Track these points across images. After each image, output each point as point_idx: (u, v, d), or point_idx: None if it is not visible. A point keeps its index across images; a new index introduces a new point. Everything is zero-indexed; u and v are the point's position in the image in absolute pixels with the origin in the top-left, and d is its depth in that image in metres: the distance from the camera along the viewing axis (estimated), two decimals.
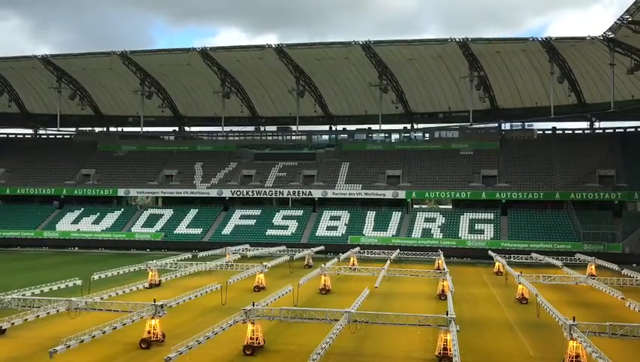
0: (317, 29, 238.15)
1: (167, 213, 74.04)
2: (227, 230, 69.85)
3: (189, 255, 50.31)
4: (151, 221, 72.54)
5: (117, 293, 29.43)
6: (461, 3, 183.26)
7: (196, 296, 29.05)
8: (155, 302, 24.05)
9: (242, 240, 62.49)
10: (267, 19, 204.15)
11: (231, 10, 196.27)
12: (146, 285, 36.31)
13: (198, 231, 70.02)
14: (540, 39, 62.35)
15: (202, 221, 71.99)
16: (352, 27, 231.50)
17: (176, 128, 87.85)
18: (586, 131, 75.93)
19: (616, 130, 74.59)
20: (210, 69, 74.59)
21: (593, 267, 46.16)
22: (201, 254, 51.37)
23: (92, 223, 72.84)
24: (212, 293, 31.17)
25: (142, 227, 71.69)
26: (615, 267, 44.42)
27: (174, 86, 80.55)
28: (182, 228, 70.81)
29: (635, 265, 50.99)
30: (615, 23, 53.47)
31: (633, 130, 73.90)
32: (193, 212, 73.63)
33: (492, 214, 66.99)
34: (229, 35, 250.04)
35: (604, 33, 57.10)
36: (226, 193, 74.20)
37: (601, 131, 75.13)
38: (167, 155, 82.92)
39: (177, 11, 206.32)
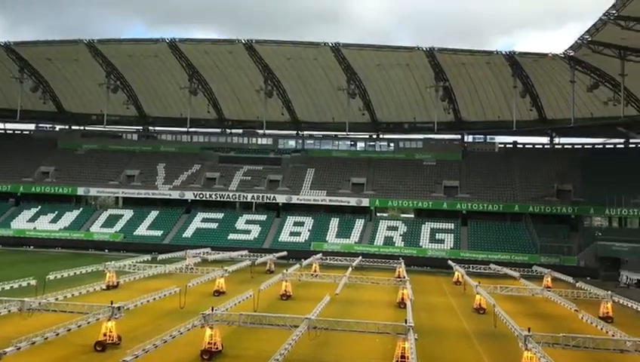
0: (294, 38, 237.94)
1: (128, 213, 72.79)
2: (188, 233, 69.06)
3: (148, 257, 49.47)
4: (110, 221, 71.19)
5: (73, 294, 28.73)
6: (433, 20, 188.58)
7: (155, 299, 28.60)
8: (112, 303, 23.59)
9: (204, 244, 61.84)
10: (246, 28, 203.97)
11: (210, 16, 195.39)
12: (104, 286, 35.60)
13: (159, 233, 69.03)
14: (504, 53, 63.82)
15: (163, 223, 71.00)
16: (329, 39, 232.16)
17: (140, 128, 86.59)
18: (546, 146, 77.80)
19: (575, 146, 76.63)
20: (178, 63, 73.92)
21: (549, 279, 47.22)
22: (161, 256, 50.66)
23: (49, 222, 71.08)
24: (171, 297, 30.75)
25: (101, 227, 70.31)
26: (570, 279, 45.49)
27: (140, 81, 79.44)
28: (142, 230, 69.69)
29: (589, 278, 52.28)
30: (576, 42, 55.10)
31: (591, 146, 76.04)
32: (154, 213, 72.57)
33: (453, 224, 67.96)
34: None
35: (566, 51, 58.79)
36: (189, 195, 73.39)
37: (560, 147, 77.07)
38: (129, 155, 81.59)
39: (157, 15, 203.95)
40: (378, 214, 73.56)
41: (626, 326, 28.58)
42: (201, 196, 73.41)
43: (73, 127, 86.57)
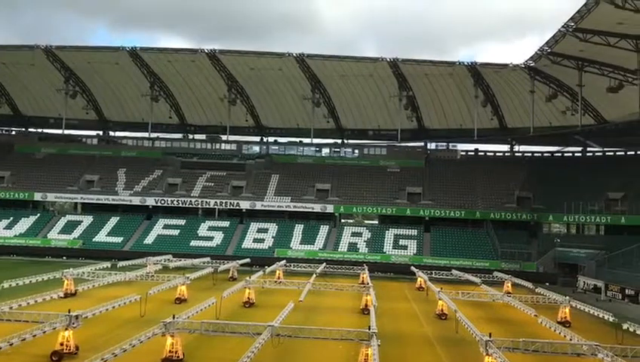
0: (260, 46, 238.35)
1: (87, 219, 71.18)
2: (149, 239, 67.90)
3: (108, 264, 48.51)
4: (69, 227, 69.44)
5: (28, 303, 27.87)
6: (398, 30, 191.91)
7: (114, 307, 27.97)
8: (69, 312, 22.93)
9: (165, 251, 60.74)
10: (211, 31, 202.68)
11: (174, 19, 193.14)
12: (61, 294, 34.69)
13: (119, 239, 67.67)
14: (466, 63, 64.91)
15: (123, 229, 69.64)
16: (296, 46, 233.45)
17: (100, 132, 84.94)
18: (506, 154, 79.26)
19: (535, 154, 78.32)
20: (139, 71, 72.83)
21: (509, 285, 48.00)
22: (120, 264, 49.66)
23: (4, 228, 68.84)
24: (131, 304, 30.14)
25: (59, 233, 68.53)
26: (530, 285, 46.44)
27: (101, 86, 78.01)
28: (102, 236, 68.22)
29: (548, 283, 53.41)
30: (536, 52, 56.48)
31: (550, 154, 77.88)
32: (114, 220, 71.12)
33: (416, 230, 68.58)
34: (169, 44, 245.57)
35: (526, 62, 60.19)
36: (150, 201, 72.22)
37: (520, 155, 78.63)
38: (89, 160, 79.82)
39: (119, 18, 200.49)
40: (342, 220, 73.75)
41: (582, 331, 29.27)
42: (162, 202, 72.32)
43: (30, 130, 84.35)
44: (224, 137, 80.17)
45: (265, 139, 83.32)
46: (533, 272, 58.78)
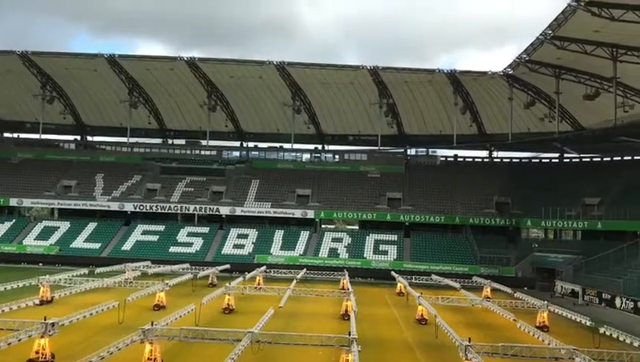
0: (242, 51, 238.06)
1: (64, 225, 70.17)
2: (128, 245, 67.16)
3: (85, 270, 47.79)
4: (45, 233, 68.40)
5: (3, 310, 27.29)
6: (379, 36, 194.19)
7: (91, 314, 27.53)
8: (45, 319, 22.52)
9: (144, 257, 60.16)
10: (191, 37, 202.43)
11: (155, 26, 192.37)
12: (37, 302, 33.97)
13: (97, 245, 66.83)
14: (445, 71, 65.44)
15: (101, 235, 68.80)
16: (278, 52, 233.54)
17: (78, 137, 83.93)
18: (485, 160, 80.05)
19: (513, 160, 79.22)
20: (117, 77, 72.14)
21: (489, 290, 48.28)
22: (98, 270, 49.15)
23: None
24: (109, 311, 29.70)
25: (35, 239, 67.44)
26: (508, 290, 46.75)
27: (78, 92, 77.13)
28: (79, 242, 67.31)
29: (526, 288, 53.95)
30: (514, 60, 57.16)
31: (528, 160, 78.83)
32: (92, 225, 70.23)
33: (396, 236, 68.80)
34: (150, 50, 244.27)
35: (504, 69, 60.88)
36: (128, 207, 71.46)
37: (499, 160, 79.46)
38: (66, 165, 78.79)
39: (100, 23, 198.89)
40: (323, 226, 73.73)
41: (560, 335, 29.53)
42: (141, 208, 71.61)
43: (6, 135, 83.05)
44: (204, 142, 79.70)
45: (245, 145, 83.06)
46: (511, 277, 59.27)
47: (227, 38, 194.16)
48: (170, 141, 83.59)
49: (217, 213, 71.34)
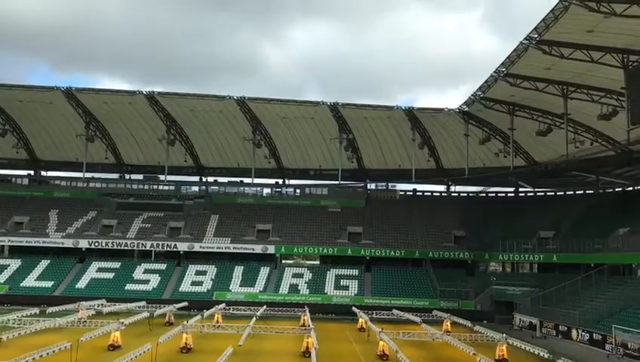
0: (205, 87, 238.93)
1: (14, 263, 67.63)
2: (82, 284, 65.09)
3: (36, 310, 46.03)
4: None
5: None
6: (339, 74, 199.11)
7: (42, 356, 26.41)
8: None
9: (98, 295, 58.54)
10: (154, 75, 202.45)
11: (117, 62, 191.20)
12: None
13: (49, 284, 64.54)
14: (403, 108, 66.65)
15: (54, 273, 66.55)
16: (240, 88, 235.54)
17: (32, 172, 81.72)
18: (443, 194, 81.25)
19: (470, 194, 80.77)
20: (74, 111, 70.92)
21: (449, 323, 48.46)
22: (50, 309, 47.34)
23: None
24: (60, 353, 28.56)
25: None
26: (468, 323, 47.03)
27: (32, 125, 75.26)
28: (30, 281, 64.89)
29: (485, 321, 54.33)
30: (469, 97, 58.69)
31: (485, 195, 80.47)
32: (44, 263, 67.92)
33: (357, 270, 68.69)
34: (112, 86, 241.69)
35: (460, 106, 62.43)
36: (83, 244, 69.55)
37: (456, 194, 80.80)
38: (18, 201, 76.46)
39: (61, 57, 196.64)
40: (284, 261, 73.11)
41: None
42: (96, 244, 69.80)
43: None
44: (162, 177, 78.61)
45: (204, 179, 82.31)
46: (471, 310, 59.66)
47: (190, 75, 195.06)
48: (127, 176, 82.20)
49: (175, 249, 70.05)
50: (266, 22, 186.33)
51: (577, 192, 72.79)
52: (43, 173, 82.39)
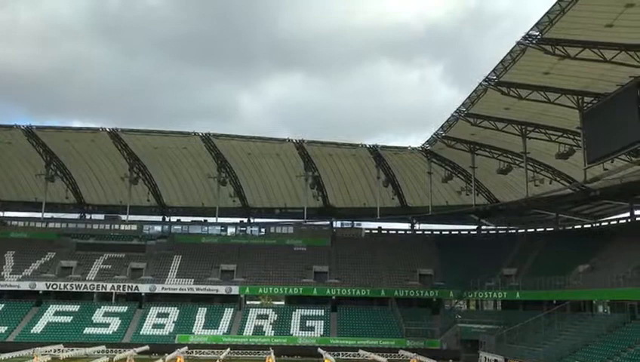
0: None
1: None
2: (38, 328, 62.71)
3: None
4: None
5: None
6: (308, 121, 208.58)
7: None
8: None
9: (56, 340, 56.42)
10: (128, 121, 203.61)
11: (95, 107, 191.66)
12: None
13: (3, 329, 61.83)
14: (368, 146, 67.35)
15: (8, 318, 63.94)
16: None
17: None
18: (407, 232, 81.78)
19: (434, 232, 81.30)
20: (34, 150, 69.50)
21: None
22: (3, 356, 45.60)
23: None
24: None
25: None
26: None
27: None
28: None
29: (451, 360, 54.19)
30: (432, 136, 59.73)
31: (448, 232, 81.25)
32: None
33: (322, 310, 68.00)
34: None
35: (423, 145, 63.44)
36: (40, 286, 67.27)
37: (420, 232, 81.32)
38: None
39: (37, 104, 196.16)
40: (248, 302, 71.94)
41: None
42: (54, 287, 67.59)
43: None
44: (124, 217, 77.09)
45: (167, 219, 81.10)
46: (437, 349, 59.43)
47: (162, 122, 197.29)
48: (88, 216, 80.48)
49: (137, 290, 68.33)
50: (244, 73, 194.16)
51: (538, 229, 74.15)
52: None
